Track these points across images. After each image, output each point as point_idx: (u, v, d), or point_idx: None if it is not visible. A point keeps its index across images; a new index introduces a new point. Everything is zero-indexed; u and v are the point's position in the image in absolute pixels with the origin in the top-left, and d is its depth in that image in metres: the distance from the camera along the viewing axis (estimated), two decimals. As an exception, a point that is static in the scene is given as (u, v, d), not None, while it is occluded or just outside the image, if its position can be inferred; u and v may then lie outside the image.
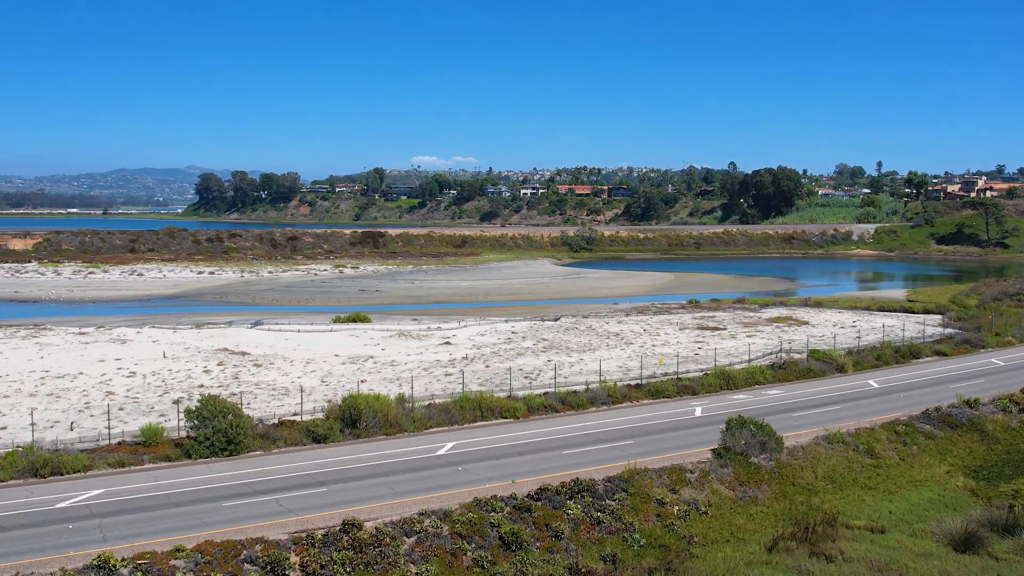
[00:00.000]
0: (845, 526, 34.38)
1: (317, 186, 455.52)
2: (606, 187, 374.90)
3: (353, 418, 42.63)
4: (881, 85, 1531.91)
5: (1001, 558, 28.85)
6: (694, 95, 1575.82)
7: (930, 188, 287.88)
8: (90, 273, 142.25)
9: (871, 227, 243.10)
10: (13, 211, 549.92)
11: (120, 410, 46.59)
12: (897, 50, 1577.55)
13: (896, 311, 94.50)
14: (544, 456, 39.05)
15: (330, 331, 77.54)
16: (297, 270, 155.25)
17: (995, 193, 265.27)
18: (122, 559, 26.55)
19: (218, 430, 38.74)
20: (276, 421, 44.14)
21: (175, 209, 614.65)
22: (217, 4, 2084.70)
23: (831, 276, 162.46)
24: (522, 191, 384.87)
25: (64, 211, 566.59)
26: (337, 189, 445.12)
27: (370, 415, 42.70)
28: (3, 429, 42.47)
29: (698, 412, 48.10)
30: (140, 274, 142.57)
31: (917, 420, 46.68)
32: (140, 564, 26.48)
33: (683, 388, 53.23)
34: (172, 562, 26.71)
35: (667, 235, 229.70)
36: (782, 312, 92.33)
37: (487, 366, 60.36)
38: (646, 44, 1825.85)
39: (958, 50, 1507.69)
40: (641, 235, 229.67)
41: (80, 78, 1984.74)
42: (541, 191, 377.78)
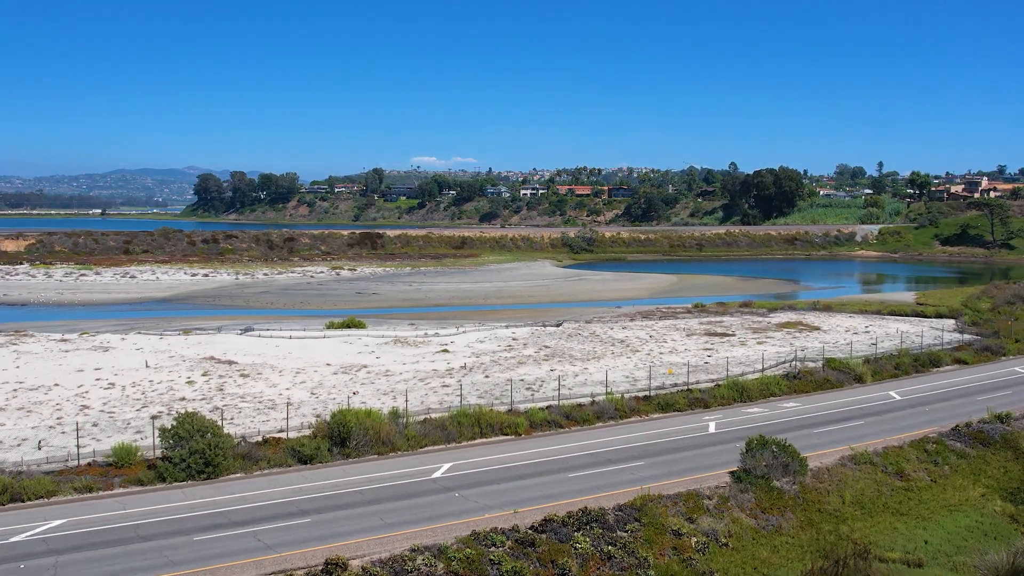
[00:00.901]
0: (879, 559, 31.53)
1: (316, 187, 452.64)
2: (606, 188, 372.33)
3: (342, 436, 39.65)
4: (881, 85, 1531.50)
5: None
6: (694, 95, 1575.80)
7: (933, 189, 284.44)
8: (82, 275, 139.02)
9: (875, 228, 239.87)
10: (11, 212, 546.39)
11: (94, 426, 43.56)
12: (897, 50, 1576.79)
13: (908, 315, 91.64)
14: (548, 480, 36.01)
15: (323, 337, 74.52)
16: (293, 272, 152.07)
17: (999, 193, 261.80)
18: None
19: (195, 451, 35.75)
20: (260, 439, 41.14)
21: (174, 210, 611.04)
22: (217, 4, 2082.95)
23: (836, 278, 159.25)
24: (522, 192, 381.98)
25: (63, 211, 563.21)
26: (336, 190, 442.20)
27: (361, 433, 39.71)
28: (-35, 448, 39.41)
29: (712, 428, 45.09)
30: (133, 276, 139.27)
31: (947, 437, 43.58)
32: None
33: (694, 401, 50.23)
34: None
35: (669, 236, 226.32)
36: (792, 317, 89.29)
37: (487, 376, 57.30)
38: (646, 44, 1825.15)
39: (958, 50, 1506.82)
40: (642, 236, 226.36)
41: (80, 78, 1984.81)
42: (541, 192, 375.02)
